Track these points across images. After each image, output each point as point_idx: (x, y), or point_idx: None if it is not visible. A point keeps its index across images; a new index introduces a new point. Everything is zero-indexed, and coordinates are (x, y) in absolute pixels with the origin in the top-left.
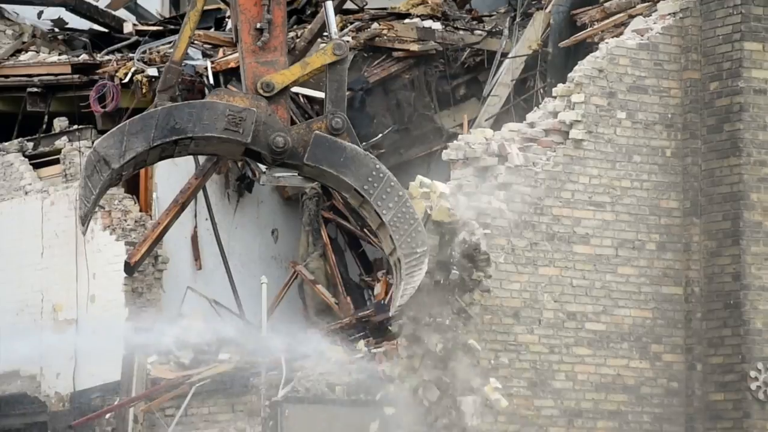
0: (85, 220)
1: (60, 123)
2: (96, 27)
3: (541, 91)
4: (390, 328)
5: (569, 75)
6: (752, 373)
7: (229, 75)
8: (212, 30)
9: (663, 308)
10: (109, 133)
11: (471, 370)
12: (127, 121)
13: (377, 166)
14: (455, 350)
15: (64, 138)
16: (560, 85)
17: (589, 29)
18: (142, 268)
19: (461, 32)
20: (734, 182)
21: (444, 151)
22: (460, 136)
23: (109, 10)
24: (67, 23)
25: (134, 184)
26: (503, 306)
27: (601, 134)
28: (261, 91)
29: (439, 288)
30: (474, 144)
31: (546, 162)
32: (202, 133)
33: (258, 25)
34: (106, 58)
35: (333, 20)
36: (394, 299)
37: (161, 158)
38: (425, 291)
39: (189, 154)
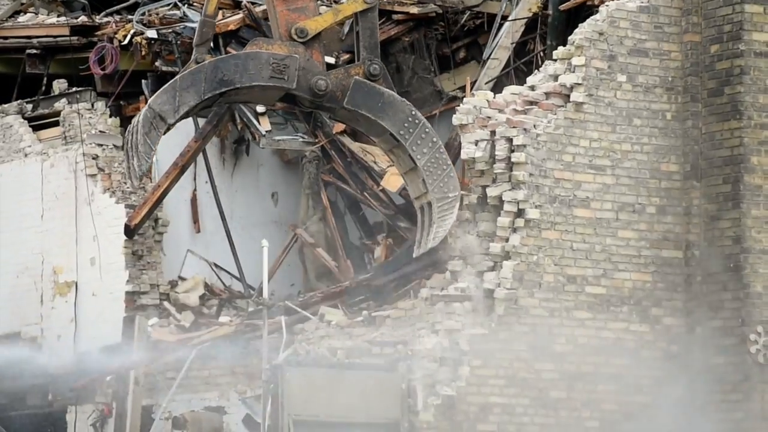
0: (144, 176)
1: (59, 85)
2: None
3: (542, 54)
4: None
5: (569, 38)
6: (752, 336)
7: (229, 38)
8: None
9: (663, 272)
10: (161, 90)
11: None
12: (177, 76)
13: (413, 112)
14: None
15: (64, 100)
16: (561, 48)
17: None
18: (142, 230)
19: None
20: (735, 145)
21: (454, 116)
22: (465, 99)
23: None
24: None
25: None
26: None
27: (601, 97)
28: (295, 37)
29: None
30: (483, 107)
31: (547, 125)
32: (249, 83)
33: None
34: (105, 19)
35: None
36: (424, 241)
37: (204, 108)
38: None
39: (229, 103)
